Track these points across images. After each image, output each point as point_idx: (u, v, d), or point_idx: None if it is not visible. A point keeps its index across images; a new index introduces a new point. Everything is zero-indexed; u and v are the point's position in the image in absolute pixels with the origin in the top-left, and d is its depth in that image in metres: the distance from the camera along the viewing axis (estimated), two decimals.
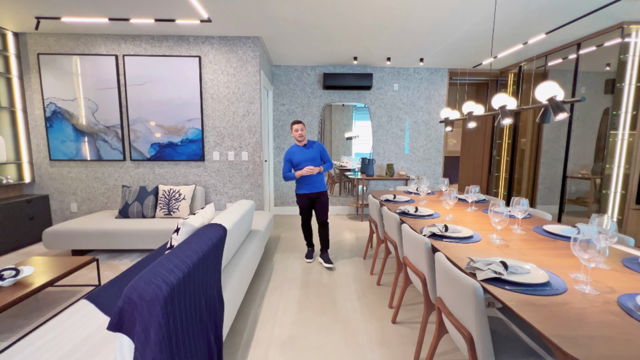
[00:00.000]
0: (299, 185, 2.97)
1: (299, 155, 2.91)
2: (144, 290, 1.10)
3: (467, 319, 1.14)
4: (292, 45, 3.88)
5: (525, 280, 1.13)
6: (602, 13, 2.90)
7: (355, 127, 5.23)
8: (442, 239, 1.68)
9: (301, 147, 2.94)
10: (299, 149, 2.93)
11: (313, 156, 2.92)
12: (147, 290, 1.10)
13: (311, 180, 2.91)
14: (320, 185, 2.97)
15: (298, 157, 2.90)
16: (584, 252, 1.11)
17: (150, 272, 1.19)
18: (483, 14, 2.95)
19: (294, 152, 2.94)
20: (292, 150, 2.95)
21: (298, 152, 2.92)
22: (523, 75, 4.66)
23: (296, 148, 2.96)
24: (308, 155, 2.91)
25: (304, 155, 2.90)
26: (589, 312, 0.94)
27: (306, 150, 2.92)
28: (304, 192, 2.94)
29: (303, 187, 2.94)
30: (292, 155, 2.94)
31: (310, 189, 2.94)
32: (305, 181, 2.91)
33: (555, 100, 1.40)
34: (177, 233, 1.82)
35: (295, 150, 2.94)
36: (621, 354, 0.76)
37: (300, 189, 2.96)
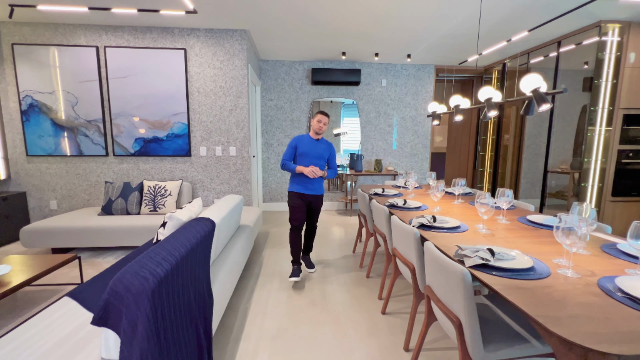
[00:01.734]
0: (293, 182, 2.60)
1: (308, 146, 2.54)
2: (130, 283, 1.07)
3: (456, 305, 1.16)
4: (281, 40, 3.84)
5: (511, 266, 1.16)
6: (581, 12, 3.00)
7: (344, 123, 5.24)
8: (431, 229, 1.71)
9: (313, 139, 2.58)
10: (311, 140, 2.57)
11: (320, 154, 2.56)
12: (134, 282, 1.07)
13: (308, 179, 2.56)
14: (319, 188, 2.62)
15: (305, 147, 2.54)
16: (566, 237, 1.15)
17: (137, 264, 1.16)
18: (468, 11, 3.00)
19: (303, 140, 2.57)
20: (302, 138, 2.58)
21: (308, 142, 2.56)
22: (507, 72, 4.78)
23: (308, 138, 2.59)
24: (316, 151, 2.55)
25: (312, 149, 2.54)
26: (572, 294, 0.98)
27: (317, 145, 2.57)
28: (298, 190, 2.58)
29: (298, 185, 2.57)
30: (299, 142, 2.56)
31: (306, 189, 2.57)
32: (302, 179, 2.57)
33: (539, 92, 1.44)
34: (163, 227, 1.78)
35: (305, 139, 2.57)
36: (602, 331, 0.79)
37: (294, 187, 2.59)
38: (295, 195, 2.58)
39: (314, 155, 2.54)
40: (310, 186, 2.57)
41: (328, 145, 2.63)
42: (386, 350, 1.70)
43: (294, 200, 2.58)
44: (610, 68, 3.32)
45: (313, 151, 2.54)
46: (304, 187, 2.57)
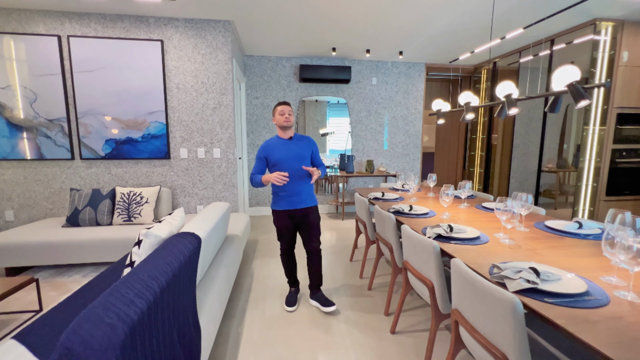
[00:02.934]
0: (275, 197, 2.05)
1: (280, 151, 1.97)
2: (90, 335, 0.80)
3: (502, 339, 0.97)
4: (267, 33, 3.58)
5: (562, 290, 0.99)
6: (578, 8, 2.93)
7: (329, 123, 5.03)
8: (449, 240, 1.52)
9: (284, 140, 2.02)
10: (281, 142, 2.00)
11: (300, 154, 2.00)
12: (96, 335, 0.80)
13: (294, 189, 1.98)
14: (309, 198, 2.05)
15: (278, 155, 1.96)
16: (624, 252, 0.99)
17: (101, 307, 0.88)
18: (468, 6, 2.86)
19: (272, 146, 1.99)
20: (270, 145, 2.01)
21: (280, 146, 1.99)
22: (497, 71, 4.74)
23: (276, 141, 2.02)
24: (293, 152, 1.98)
25: (287, 152, 1.97)
26: None
27: (291, 146, 2.00)
28: (282, 207, 2.02)
29: (281, 201, 2.02)
30: (268, 151, 1.99)
31: (292, 203, 2.00)
32: (284, 191, 1.98)
33: (576, 86, 1.29)
34: (138, 246, 1.50)
35: (274, 145, 2.00)
36: None
37: (278, 204, 2.03)
38: (280, 214, 2.04)
39: (292, 159, 1.97)
40: (297, 199, 2.00)
41: (306, 140, 2.08)
42: None
43: (279, 221, 2.06)
44: (604, 67, 3.29)
45: (289, 154, 1.97)
46: (288, 201, 2.01)
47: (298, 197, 2.01)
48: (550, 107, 1.54)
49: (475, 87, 5.27)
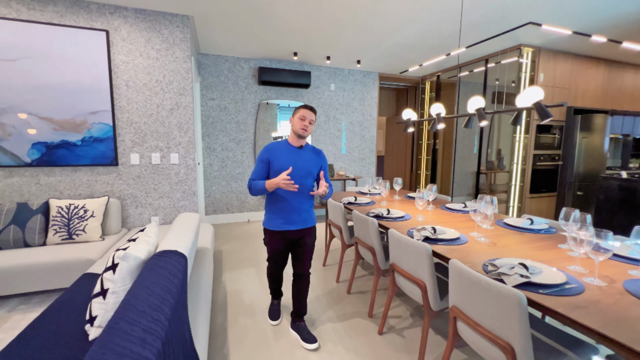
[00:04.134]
0: (270, 213, 1.80)
1: (287, 158, 1.73)
2: None
3: (507, 332, 1.09)
4: (228, 32, 3.40)
5: (548, 281, 1.15)
6: (508, 35, 3.43)
7: (280, 127, 4.99)
8: (436, 242, 1.64)
9: (294, 147, 1.78)
10: (290, 149, 1.77)
11: (307, 168, 1.76)
12: None
13: (294, 207, 1.75)
14: (308, 217, 1.83)
15: (283, 162, 1.72)
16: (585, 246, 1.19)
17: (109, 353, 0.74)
18: (420, 25, 3.13)
19: (278, 150, 1.75)
20: (276, 148, 1.76)
21: (287, 153, 1.75)
22: (440, 83, 5.26)
23: (285, 146, 1.78)
24: (300, 165, 1.74)
25: (293, 162, 1.73)
26: (621, 308, 0.99)
27: (300, 156, 1.76)
28: (279, 228, 1.77)
29: (278, 219, 1.77)
30: (273, 154, 1.74)
31: (291, 223, 1.77)
32: (283, 208, 1.75)
33: (541, 105, 1.52)
34: (112, 271, 1.29)
35: (281, 149, 1.76)
36: None
37: (273, 223, 1.78)
38: (275, 234, 1.79)
39: (296, 172, 1.72)
40: (296, 217, 1.77)
41: (317, 153, 1.85)
42: None
43: (272, 242, 1.81)
44: (527, 83, 3.91)
45: (293, 164, 1.72)
46: (286, 219, 1.76)
47: (297, 215, 1.77)
48: (513, 121, 1.78)
49: (421, 97, 5.78)
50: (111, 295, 1.28)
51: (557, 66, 3.96)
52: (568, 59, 4.02)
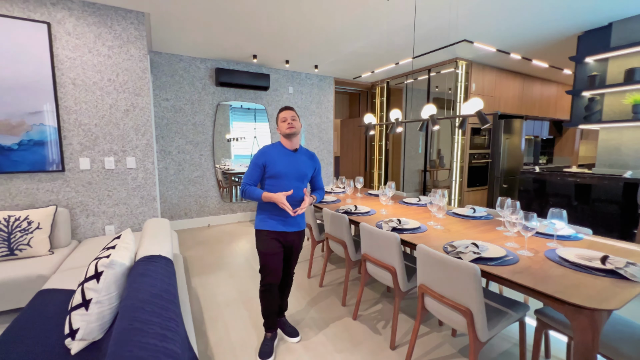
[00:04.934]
0: (265, 214, 1.75)
1: (283, 162, 1.72)
2: None
3: (466, 298, 1.33)
4: (186, 30, 3.31)
5: (493, 255, 1.43)
6: (447, 49, 3.93)
7: (233, 128, 4.94)
8: (402, 232, 1.88)
9: (289, 151, 1.76)
10: (285, 152, 1.75)
11: (302, 171, 1.76)
12: None
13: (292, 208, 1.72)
14: (302, 221, 1.84)
15: (279, 165, 1.71)
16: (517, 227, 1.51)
17: (136, 349, 0.77)
18: (373, 36, 3.43)
19: (274, 155, 1.72)
20: (272, 152, 1.73)
21: (282, 156, 1.73)
22: (390, 89, 5.72)
23: (280, 149, 1.75)
24: (296, 167, 1.74)
25: (290, 165, 1.73)
26: (544, 270, 1.30)
27: (296, 160, 1.75)
28: (273, 228, 1.73)
29: (272, 221, 1.73)
30: (269, 158, 1.71)
31: (286, 224, 1.75)
32: (277, 211, 1.73)
33: (481, 113, 1.84)
34: (96, 280, 1.25)
35: (277, 154, 1.73)
36: (590, 293, 1.09)
37: (267, 223, 1.73)
38: (270, 235, 1.73)
39: (294, 175, 1.72)
40: (292, 220, 1.76)
41: (310, 156, 1.85)
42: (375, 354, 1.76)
43: (267, 244, 1.72)
44: (462, 92, 4.49)
45: (292, 169, 1.72)
46: (282, 221, 1.74)
47: (293, 218, 1.77)
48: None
49: (372, 101, 6.19)
50: (95, 306, 1.24)
51: (485, 77, 4.61)
52: (493, 71, 4.72)
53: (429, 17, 2.94)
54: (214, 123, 4.42)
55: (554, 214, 1.57)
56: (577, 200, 3.19)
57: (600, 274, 1.24)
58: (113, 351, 0.77)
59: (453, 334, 1.94)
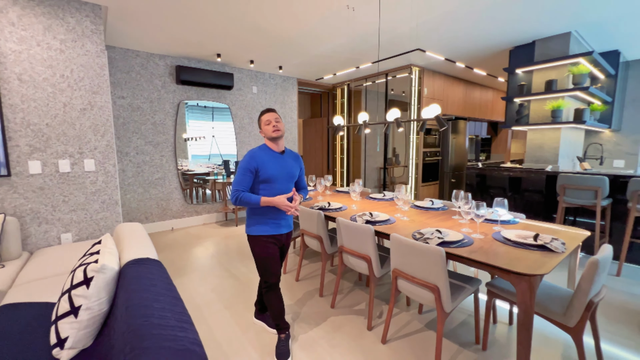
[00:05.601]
0: (260, 219, 1.75)
1: (274, 166, 1.72)
2: None
3: (433, 277, 1.57)
4: (145, 25, 3.17)
5: (453, 239, 1.69)
6: (403, 57, 4.28)
7: (190, 127, 4.83)
8: (375, 224, 2.08)
9: (276, 153, 1.77)
10: (273, 155, 1.75)
11: (291, 173, 1.81)
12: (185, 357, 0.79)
13: (280, 212, 1.77)
14: (291, 221, 1.92)
15: (271, 170, 1.71)
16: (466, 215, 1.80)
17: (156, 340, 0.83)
18: (340, 40, 3.62)
19: (264, 159, 1.71)
20: (261, 156, 1.71)
21: (272, 160, 1.73)
22: (351, 90, 5.99)
23: (267, 153, 1.75)
24: (286, 171, 1.77)
25: (281, 169, 1.75)
26: (493, 248, 1.58)
27: (284, 162, 1.78)
28: (271, 232, 1.76)
29: (267, 226, 1.75)
30: (260, 163, 1.69)
31: (279, 226, 1.79)
32: (273, 215, 1.76)
33: (439, 117, 2.11)
34: (86, 286, 1.24)
35: (266, 157, 1.72)
36: (527, 264, 1.38)
37: (264, 227, 1.75)
38: (268, 240, 1.76)
39: (284, 179, 1.76)
40: (285, 222, 1.82)
41: (295, 157, 1.90)
42: (366, 344, 1.94)
43: (267, 249, 1.75)
44: (415, 95, 4.92)
45: (282, 172, 1.75)
46: (276, 225, 1.78)
47: (285, 220, 1.82)
48: (421, 128, 2.38)
49: (334, 102, 6.43)
50: (85, 312, 1.23)
51: (435, 83, 5.10)
52: (442, 77, 5.23)
53: (389, 27, 3.21)
54: (175, 122, 4.25)
55: (498, 203, 1.89)
56: (511, 191, 3.73)
57: (533, 248, 1.55)
58: (136, 346, 0.82)
59: (419, 312, 2.21)
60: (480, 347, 1.82)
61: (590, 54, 3.24)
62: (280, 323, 1.81)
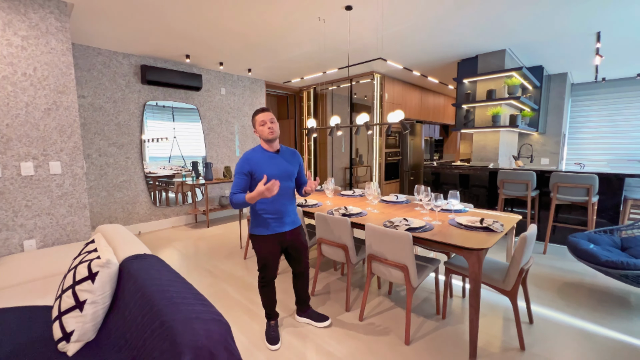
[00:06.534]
0: (259, 219, 1.79)
1: (269, 167, 1.75)
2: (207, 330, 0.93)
3: (402, 258, 1.85)
4: (110, 23, 3.09)
5: (417, 226, 1.99)
6: (366, 64, 4.63)
7: (148, 128, 4.71)
8: (350, 216, 2.33)
9: (271, 153, 1.80)
10: (268, 156, 1.78)
11: (289, 171, 1.82)
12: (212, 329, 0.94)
13: (284, 210, 1.80)
14: (296, 218, 1.92)
15: (266, 170, 1.74)
16: (427, 206, 2.13)
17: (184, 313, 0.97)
18: (306, 48, 3.84)
19: (257, 160, 1.74)
20: (255, 158, 1.75)
21: (266, 161, 1.76)
22: (317, 94, 6.24)
23: (262, 154, 1.78)
24: (282, 169, 1.79)
25: (276, 169, 1.77)
26: (450, 231, 1.91)
27: (280, 161, 1.80)
28: (272, 232, 1.79)
29: (270, 223, 1.78)
30: (254, 166, 1.73)
31: (282, 224, 1.81)
32: (272, 213, 1.77)
33: (403, 122, 2.42)
34: (91, 281, 1.30)
35: (260, 159, 1.75)
36: (475, 241, 1.71)
37: (264, 228, 1.79)
38: (268, 239, 1.79)
39: (281, 176, 1.78)
40: (287, 219, 1.83)
41: (292, 153, 1.92)
42: (346, 323, 2.16)
43: (267, 248, 1.79)
44: (377, 100, 5.31)
45: (278, 171, 1.77)
46: (278, 222, 1.79)
47: (288, 217, 1.84)
48: (387, 131, 2.67)
49: (300, 105, 6.63)
50: (90, 306, 1.30)
51: (395, 89, 5.55)
52: (401, 84, 5.70)
53: (356, 37, 3.50)
54: (141, 123, 4.13)
55: (452, 195, 2.24)
56: (461, 186, 4.25)
57: (479, 230, 1.90)
58: (166, 320, 0.95)
59: (389, 293, 2.50)
60: (440, 317, 2.16)
61: (520, 69, 3.85)
62: (271, 313, 1.97)
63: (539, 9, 2.87)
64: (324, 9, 2.78)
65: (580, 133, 6.30)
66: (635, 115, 5.73)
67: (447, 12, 2.90)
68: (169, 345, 0.89)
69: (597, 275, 2.73)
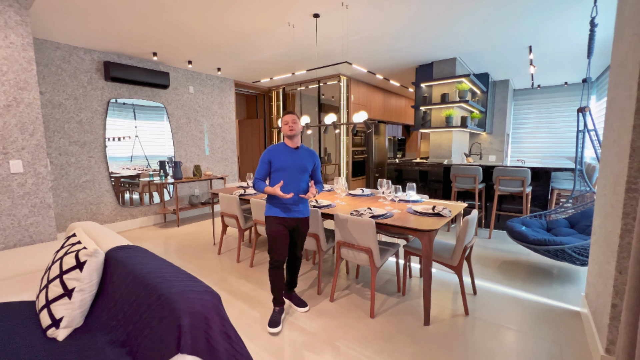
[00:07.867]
0: (271, 203, 2.13)
1: (285, 157, 2.07)
2: (202, 299, 1.08)
3: (367, 242, 2.10)
4: (73, 17, 3.01)
5: (380, 213, 2.26)
6: (333, 67, 4.88)
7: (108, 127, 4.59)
8: (321, 208, 2.54)
9: (291, 148, 2.11)
10: (287, 149, 2.11)
11: (303, 166, 2.10)
12: (206, 298, 1.09)
13: (293, 200, 2.10)
14: (304, 209, 2.17)
15: (282, 160, 2.06)
16: (388, 197, 2.41)
17: (179, 286, 1.11)
18: (276, 51, 4.00)
19: (278, 152, 2.09)
20: (276, 150, 2.09)
21: (285, 153, 2.09)
22: (286, 94, 6.39)
23: (283, 147, 2.12)
24: (297, 162, 2.09)
25: (291, 161, 2.08)
26: (406, 217, 2.20)
27: (296, 155, 2.10)
28: (277, 214, 2.09)
29: (277, 208, 2.10)
30: (274, 156, 2.07)
31: (288, 211, 2.09)
32: (283, 201, 2.09)
33: (366, 122, 2.68)
34: (79, 270, 1.38)
35: (280, 150, 2.09)
36: (427, 224, 2.00)
37: (272, 210, 2.10)
38: (275, 220, 2.09)
39: (294, 169, 2.08)
40: (294, 207, 2.11)
41: (310, 153, 2.20)
42: (319, 304, 2.37)
43: (274, 227, 2.08)
44: (344, 100, 5.60)
45: (293, 163, 2.07)
46: (284, 208, 2.09)
47: (295, 207, 2.11)
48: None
49: (269, 104, 6.73)
50: (78, 294, 1.38)
51: (360, 91, 5.87)
52: (366, 86, 6.04)
53: (323, 42, 3.73)
54: (104, 121, 4.01)
55: (409, 187, 2.55)
56: (421, 181, 4.66)
57: (431, 216, 2.21)
58: (163, 293, 1.08)
59: (356, 277, 2.75)
60: (401, 294, 2.45)
61: (468, 75, 4.32)
62: (278, 297, 2.14)
63: (481, 25, 3.30)
64: (294, 16, 2.96)
65: (522, 133, 7.11)
66: (564, 117, 6.61)
67: (404, 25, 3.22)
68: (168, 313, 1.03)
69: (531, 254, 3.22)
